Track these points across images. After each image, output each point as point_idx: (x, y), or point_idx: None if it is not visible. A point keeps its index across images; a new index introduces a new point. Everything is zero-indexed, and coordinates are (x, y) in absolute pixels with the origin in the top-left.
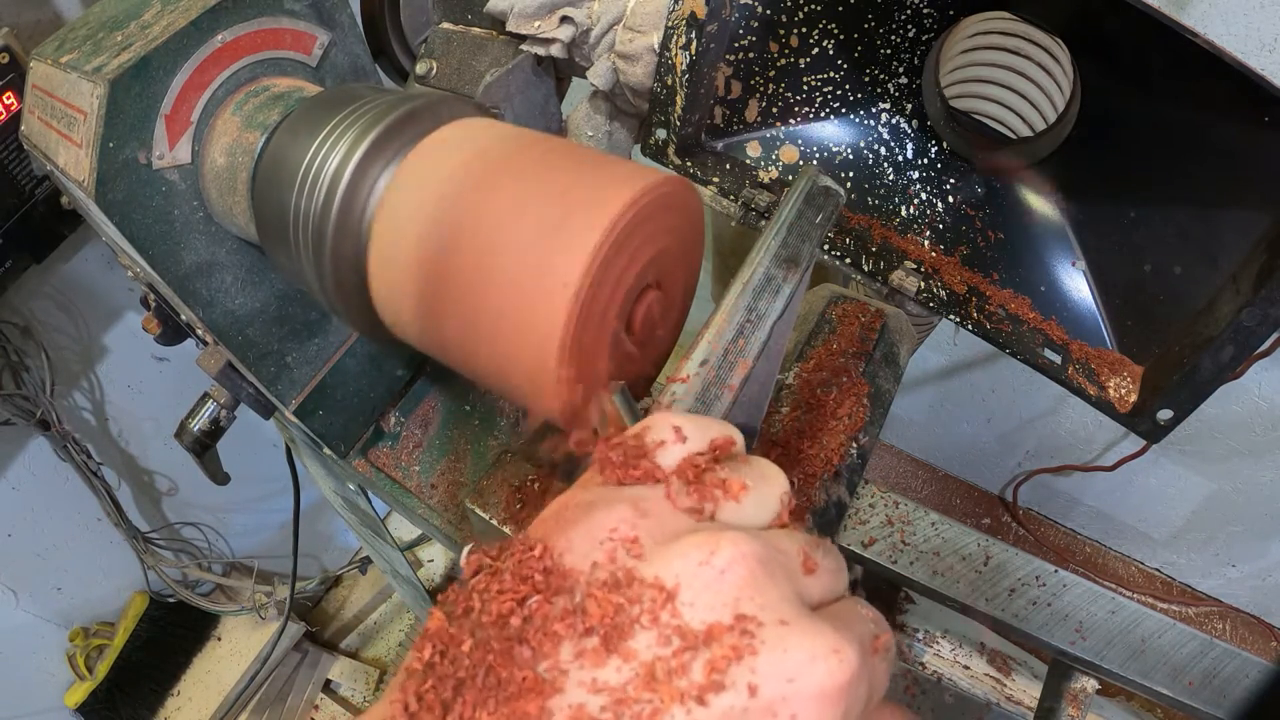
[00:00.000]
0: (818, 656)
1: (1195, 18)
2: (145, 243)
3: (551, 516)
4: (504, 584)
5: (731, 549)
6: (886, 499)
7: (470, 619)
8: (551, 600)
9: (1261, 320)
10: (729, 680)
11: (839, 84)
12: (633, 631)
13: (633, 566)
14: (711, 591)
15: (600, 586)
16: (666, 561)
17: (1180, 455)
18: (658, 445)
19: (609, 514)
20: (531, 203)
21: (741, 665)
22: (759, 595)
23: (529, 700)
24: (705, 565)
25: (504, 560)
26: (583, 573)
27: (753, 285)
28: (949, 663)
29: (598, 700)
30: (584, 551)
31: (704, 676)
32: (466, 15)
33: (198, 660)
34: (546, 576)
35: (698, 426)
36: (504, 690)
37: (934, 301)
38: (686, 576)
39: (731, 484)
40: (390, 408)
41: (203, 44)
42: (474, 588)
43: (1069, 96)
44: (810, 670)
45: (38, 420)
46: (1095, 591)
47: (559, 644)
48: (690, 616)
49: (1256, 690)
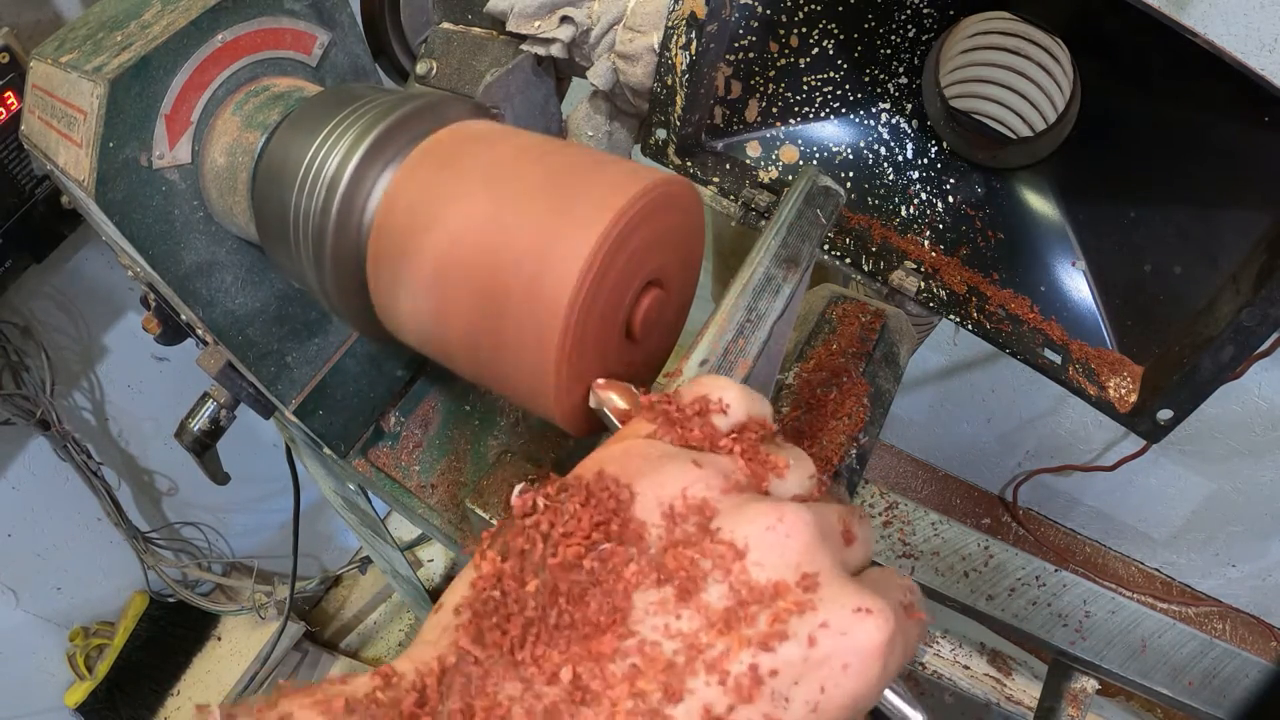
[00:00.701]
0: (865, 614)
1: (1195, 18)
2: (145, 243)
3: (614, 461)
4: (571, 527)
5: (794, 517)
6: (886, 499)
7: (531, 559)
8: (624, 548)
9: (1261, 320)
10: (791, 631)
11: (839, 84)
12: (706, 584)
13: (707, 526)
14: (777, 554)
15: (677, 543)
16: (737, 524)
17: (1180, 455)
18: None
19: (682, 473)
20: (531, 203)
21: (803, 619)
22: (816, 560)
23: (603, 640)
24: (772, 530)
25: (566, 502)
26: (654, 526)
27: (753, 285)
28: (949, 663)
29: (671, 644)
30: (653, 504)
31: (769, 626)
32: (466, 15)
33: (198, 660)
34: (621, 524)
35: (747, 398)
36: (577, 630)
37: (934, 301)
38: (755, 539)
39: (778, 461)
40: (390, 408)
41: (203, 44)
42: (533, 527)
43: (1069, 96)
44: (860, 625)
45: (38, 420)
46: (1095, 591)
47: (632, 590)
48: (758, 574)
49: (1256, 690)
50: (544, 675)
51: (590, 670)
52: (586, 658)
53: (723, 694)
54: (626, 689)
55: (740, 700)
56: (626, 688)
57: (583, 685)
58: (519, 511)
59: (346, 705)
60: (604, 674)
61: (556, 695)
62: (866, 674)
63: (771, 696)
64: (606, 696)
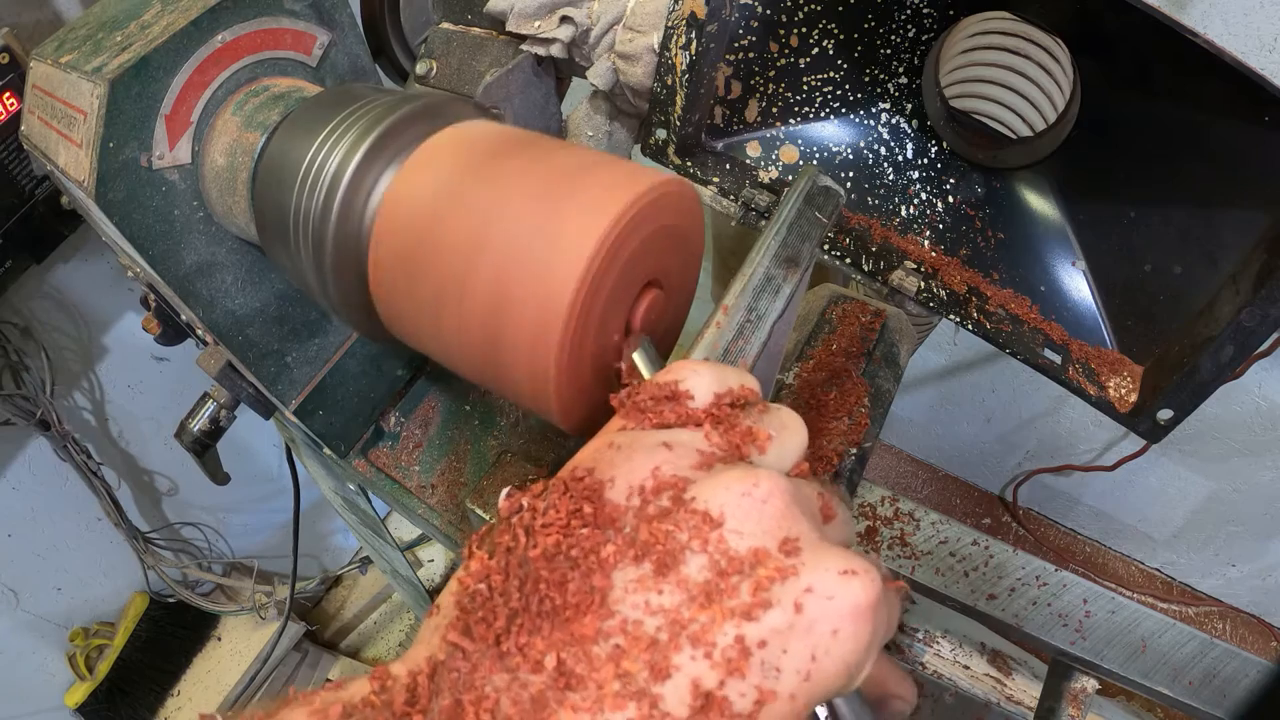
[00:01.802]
0: (850, 575)
1: (1195, 18)
2: (145, 243)
3: (589, 458)
4: (550, 518)
5: (770, 482)
6: (887, 499)
7: (515, 554)
8: (600, 530)
9: (1261, 320)
10: (775, 598)
11: (839, 84)
12: (683, 557)
13: (681, 499)
14: (754, 520)
15: (651, 518)
16: (712, 492)
17: (1180, 455)
18: (686, 392)
19: (650, 456)
20: (531, 203)
21: (786, 585)
22: (796, 524)
23: (585, 623)
24: (747, 496)
25: (546, 498)
26: (628, 508)
27: (753, 285)
28: (949, 663)
29: (653, 620)
30: (627, 489)
31: (752, 595)
32: (466, 15)
33: (198, 660)
34: (595, 509)
35: (719, 372)
36: (559, 615)
37: (934, 301)
38: (731, 506)
39: (758, 433)
40: (390, 408)
41: (203, 44)
42: (516, 524)
43: (1069, 96)
44: (846, 587)
45: (38, 420)
46: (1095, 591)
47: (610, 571)
48: (736, 543)
49: (1256, 690)
50: (529, 664)
51: (574, 654)
52: (570, 642)
53: (710, 668)
54: (611, 670)
55: (729, 673)
56: (611, 669)
57: (567, 670)
58: (505, 512)
59: (344, 711)
60: (588, 657)
61: (542, 683)
62: (858, 637)
63: (761, 667)
64: (592, 680)
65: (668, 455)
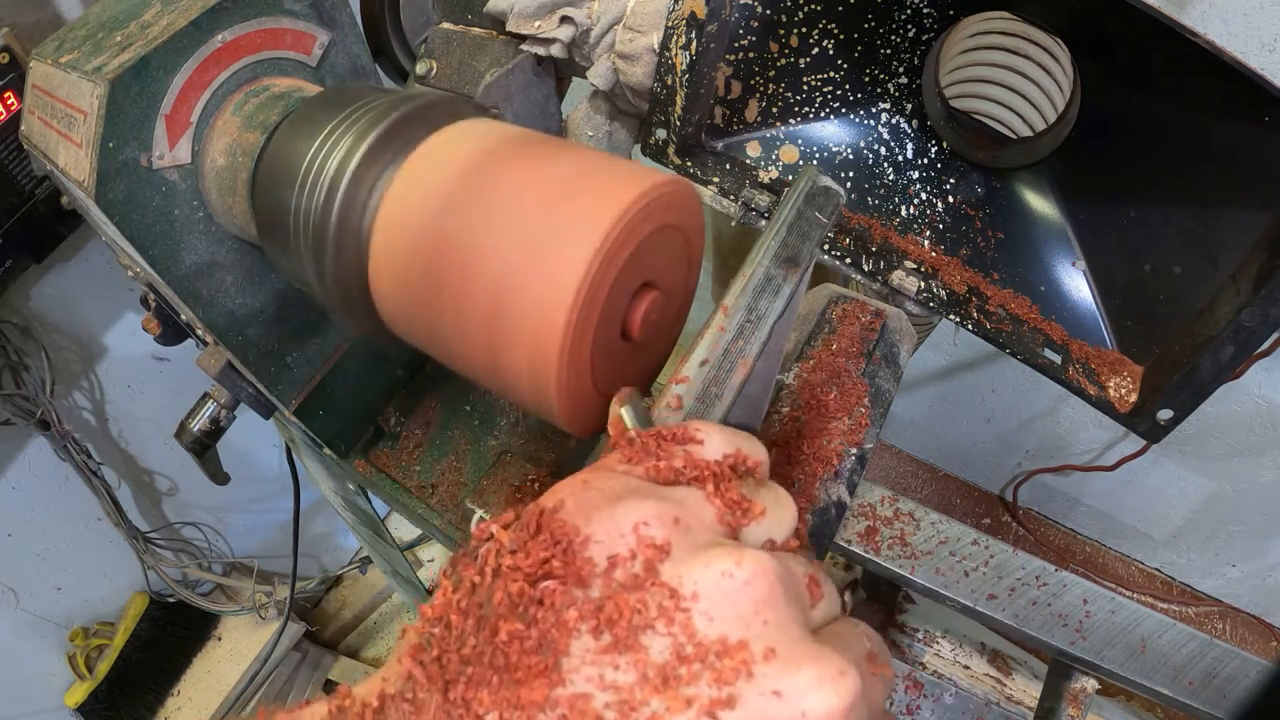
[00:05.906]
0: (825, 681)
1: (1195, 18)
2: (145, 243)
3: (571, 495)
4: (517, 561)
5: (754, 564)
6: (887, 499)
7: (478, 593)
8: (566, 587)
9: (1261, 320)
10: (739, 695)
11: (839, 84)
12: (647, 634)
13: (656, 569)
14: (730, 604)
15: (621, 585)
16: (690, 568)
17: (1180, 455)
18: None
19: (638, 508)
20: (532, 204)
21: (754, 683)
22: (775, 614)
23: (534, 687)
24: (728, 577)
25: (516, 533)
26: (601, 565)
27: (753, 285)
28: (949, 663)
29: (604, 697)
30: (605, 542)
31: (714, 687)
32: (466, 15)
33: (198, 660)
34: (565, 562)
35: (728, 435)
36: (510, 673)
37: (934, 301)
38: (707, 586)
39: (754, 505)
40: (390, 408)
41: (203, 44)
42: (483, 560)
43: (1069, 96)
44: (819, 695)
45: (38, 420)
46: (1095, 591)
47: (570, 635)
48: (704, 627)
49: (1256, 690)
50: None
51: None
52: (515, 705)
53: None
54: None
55: None
56: None
57: None
58: (474, 541)
59: None
60: None
61: None
62: None
63: None
64: None
65: (656, 511)
